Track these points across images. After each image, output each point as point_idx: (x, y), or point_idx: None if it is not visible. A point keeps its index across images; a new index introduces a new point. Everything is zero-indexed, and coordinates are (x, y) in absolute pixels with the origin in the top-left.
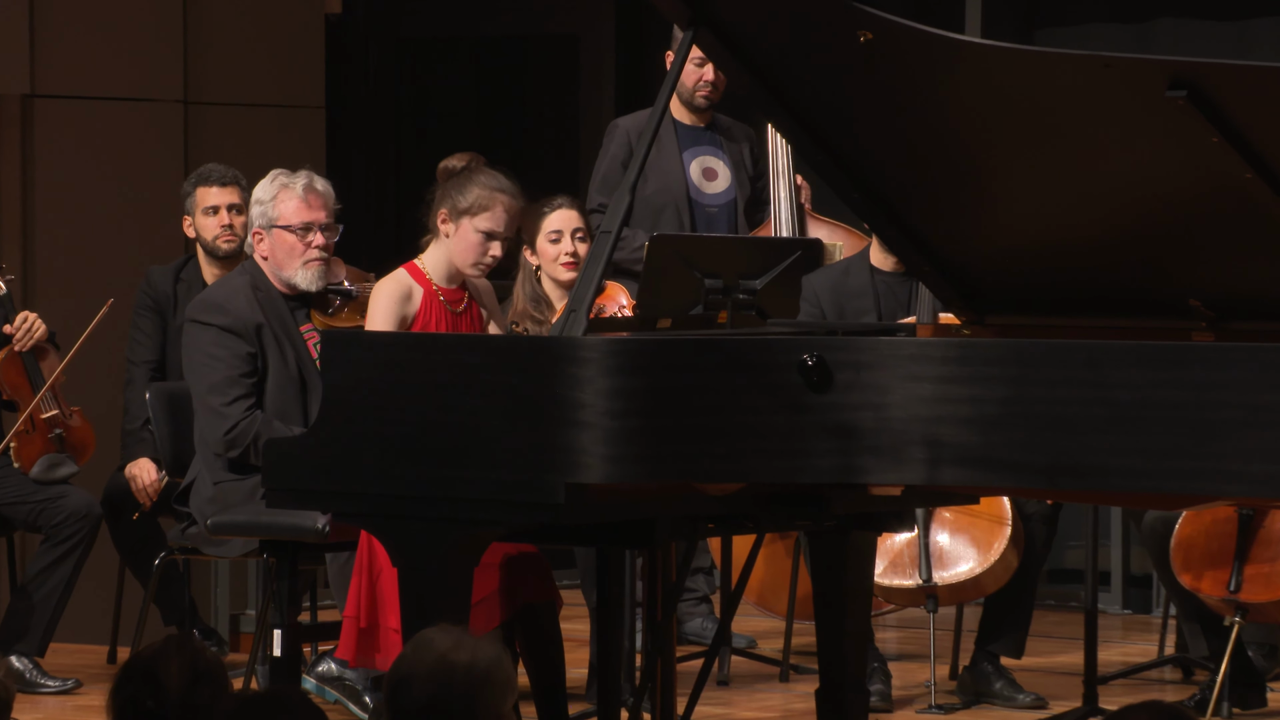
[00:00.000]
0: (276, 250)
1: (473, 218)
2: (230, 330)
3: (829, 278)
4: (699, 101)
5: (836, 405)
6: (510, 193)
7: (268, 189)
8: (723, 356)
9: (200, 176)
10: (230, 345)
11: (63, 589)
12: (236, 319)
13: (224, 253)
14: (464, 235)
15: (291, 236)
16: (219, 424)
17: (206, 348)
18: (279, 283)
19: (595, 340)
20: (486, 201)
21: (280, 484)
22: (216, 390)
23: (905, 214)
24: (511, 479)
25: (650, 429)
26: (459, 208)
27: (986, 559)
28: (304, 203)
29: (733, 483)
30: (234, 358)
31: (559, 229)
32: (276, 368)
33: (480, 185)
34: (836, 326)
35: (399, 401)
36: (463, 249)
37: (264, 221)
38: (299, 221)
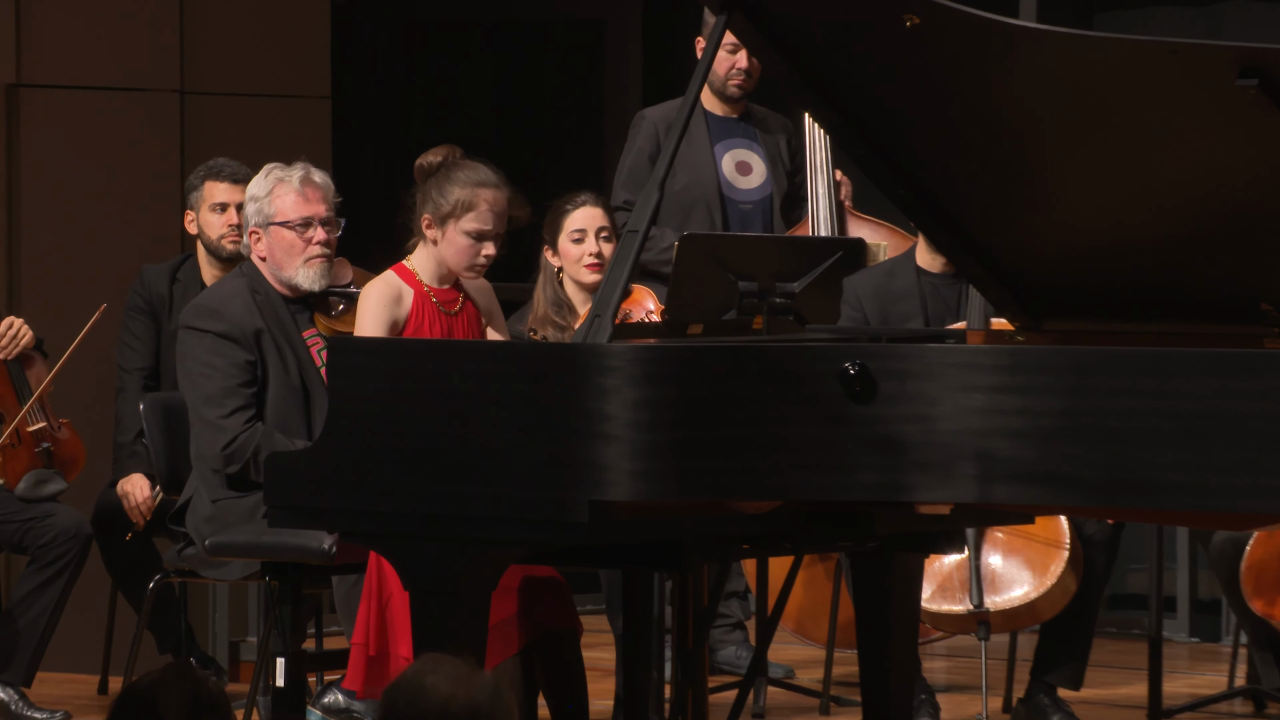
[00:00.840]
0: (275, 249)
1: (458, 221)
2: (227, 337)
3: (872, 280)
4: (732, 91)
5: (880, 417)
6: (493, 185)
7: (262, 184)
8: (758, 365)
9: (211, 170)
10: (227, 353)
11: (50, 614)
12: (233, 324)
13: (228, 253)
14: (452, 240)
15: (290, 233)
16: (216, 438)
17: (202, 356)
18: (279, 284)
19: (621, 348)
20: (469, 200)
21: (283, 501)
22: (213, 402)
23: (954, 211)
24: (531, 496)
25: (680, 442)
26: (441, 212)
27: (1042, 583)
28: (301, 196)
29: (769, 500)
30: (231, 366)
31: (582, 228)
32: (277, 376)
33: (460, 184)
34: (880, 332)
35: (411, 412)
36: (454, 254)
37: (260, 219)
38: (297, 216)
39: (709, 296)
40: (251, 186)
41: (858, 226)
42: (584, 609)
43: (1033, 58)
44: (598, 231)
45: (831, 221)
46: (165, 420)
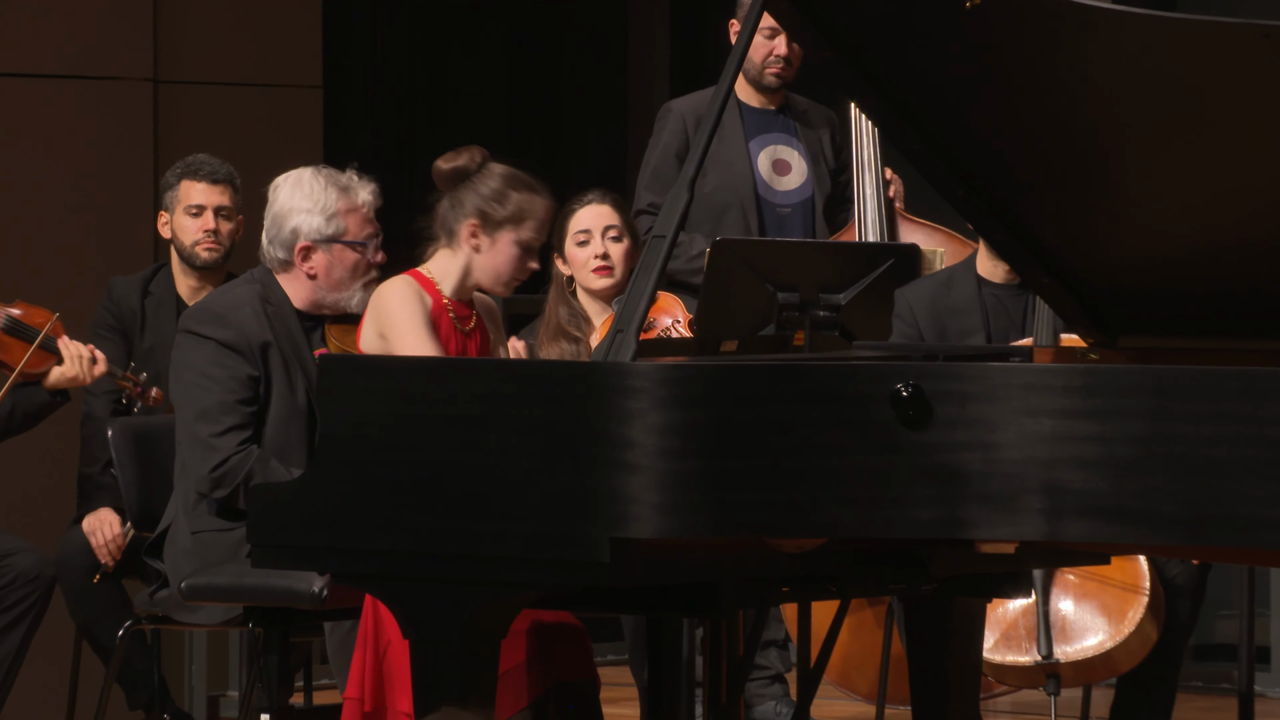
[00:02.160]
0: (336, 268)
1: (516, 228)
2: (231, 347)
3: (927, 291)
4: (769, 80)
5: (937, 445)
6: (548, 196)
7: (320, 193)
8: (800, 386)
9: (188, 168)
10: (229, 365)
11: (9, 665)
12: (240, 334)
13: (202, 261)
14: (502, 249)
15: (356, 254)
16: (206, 457)
17: (201, 366)
18: (305, 302)
19: (647, 366)
20: (529, 209)
21: (268, 538)
22: (207, 417)
23: (1020, 214)
24: (546, 532)
25: (713, 473)
26: (496, 217)
27: (1119, 631)
28: (370, 212)
29: (812, 538)
30: (232, 380)
31: (587, 228)
32: (282, 396)
33: (518, 189)
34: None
35: (411, 439)
36: (500, 263)
37: (318, 235)
38: (367, 236)
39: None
40: (296, 193)
41: (910, 231)
42: (604, 659)
43: (1112, 42)
44: (604, 231)
45: (881, 225)
46: (137, 448)
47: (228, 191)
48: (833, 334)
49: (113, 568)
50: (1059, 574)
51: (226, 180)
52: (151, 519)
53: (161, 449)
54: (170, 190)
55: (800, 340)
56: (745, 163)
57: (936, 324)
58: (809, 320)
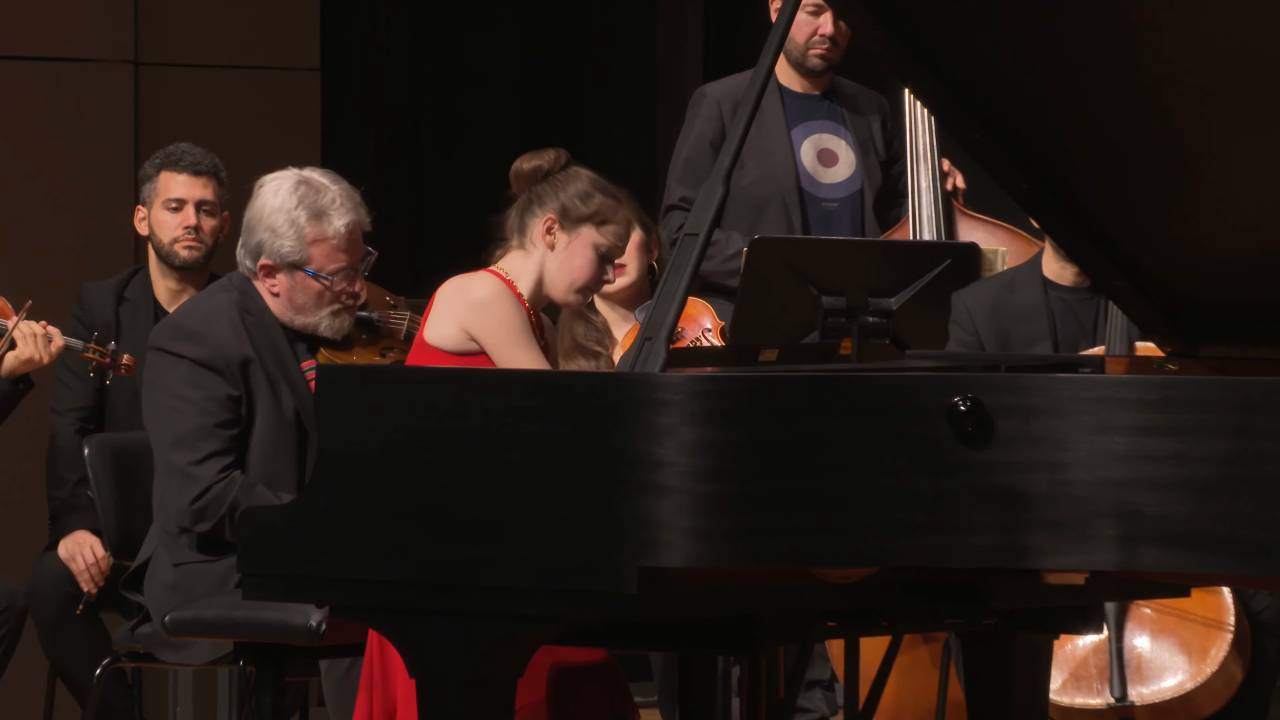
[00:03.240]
0: (297, 294)
1: (598, 228)
2: (207, 365)
3: (988, 294)
4: (813, 63)
5: (998, 464)
6: (631, 209)
7: (290, 213)
8: (847, 400)
9: (167, 158)
10: (206, 385)
11: None
12: (216, 350)
13: (181, 261)
14: (580, 249)
15: (320, 284)
16: (185, 488)
17: (174, 387)
18: (284, 317)
19: (678, 378)
20: (612, 214)
21: (260, 568)
22: (184, 444)
23: (1091, 210)
24: (567, 561)
25: (750, 495)
26: (577, 213)
27: (1201, 670)
28: (343, 244)
29: (860, 567)
30: (210, 401)
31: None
32: (267, 416)
33: (604, 192)
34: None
35: (419, 458)
36: (576, 266)
37: (280, 259)
38: (335, 268)
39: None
40: (264, 207)
41: (970, 228)
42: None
43: (1192, 16)
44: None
45: (937, 222)
46: (116, 467)
47: (211, 184)
48: (883, 342)
49: (96, 595)
50: (1134, 608)
51: (210, 172)
52: (132, 546)
53: (143, 468)
54: (148, 183)
55: (847, 349)
56: (787, 153)
57: (998, 331)
58: (857, 327)
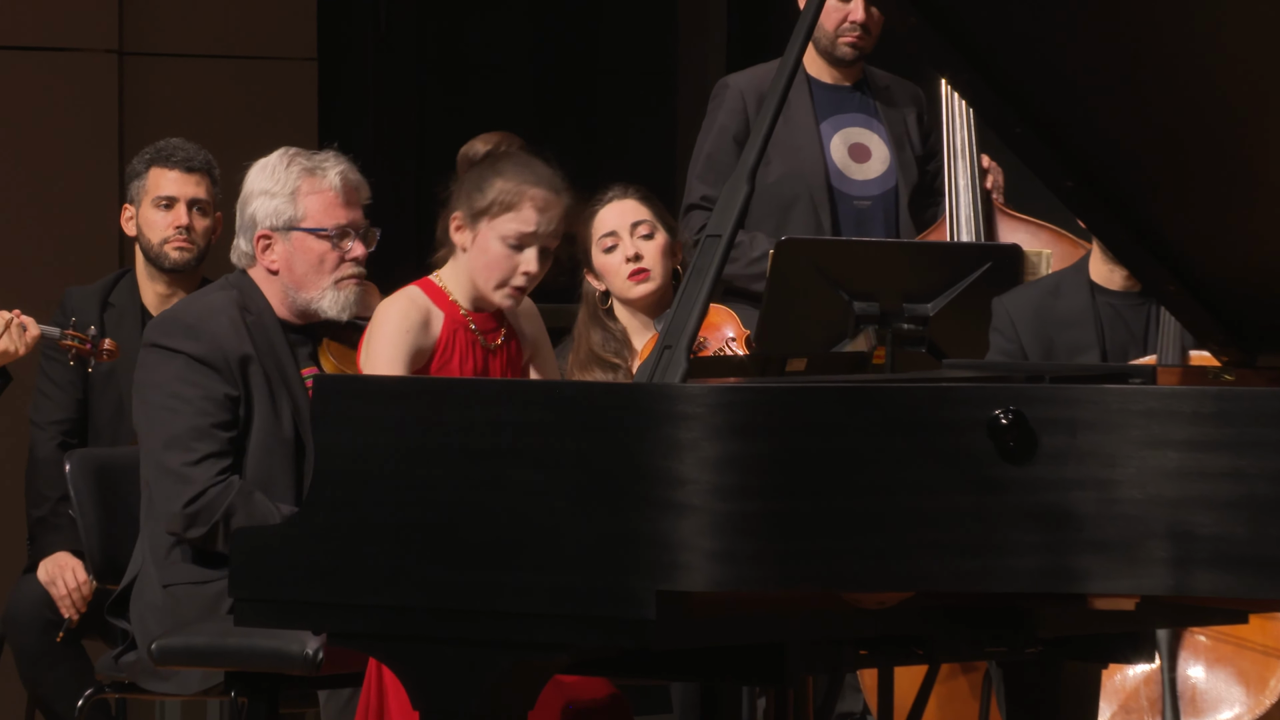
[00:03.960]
0: (297, 261)
1: (492, 220)
2: (204, 362)
3: (1032, 300)
4: (844, 52)
5: (1042, 481)
6: (547, 184)
7: (280, 174)
8: (880, 413)
9: (158, 154)
10: (203, 383)
11: None
12: (214, 347)
13: (171, 263)
14: (483, 246)
15: (322, 244)
16: (178, 491)
17: (169, 385)
18: (285, 307)
19: (699, 389)
20: (511, 197)
21: (253, 592)
22: (177, 444)
23: (1141, 209)
24: (581, 585)
25: (777, 515)
26: (475, 208)
27: (1259, 702)
28: (340, 197)
29: (895, 591)
30: (206, 400)
31: (611, 229)
32: (265, 420)
33: (505, 177)
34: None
35: (423, 475)
36: (484, 264)
37: (276, 220)
38: (333, 224)
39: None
40: (259, 176)
41: (1011, 229)
42: None
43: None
44: (632, 228)
45: (976, 222)
46: (99, 484)
47: (204, 182)
48: (919, 351)
49: (78, 621)
50: (1187, 635)
51: (203, 169)
52: (116, 569)
53: (129, 485)
54: (137, 180)
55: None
56: (816, 148)
57: (1042, 338)
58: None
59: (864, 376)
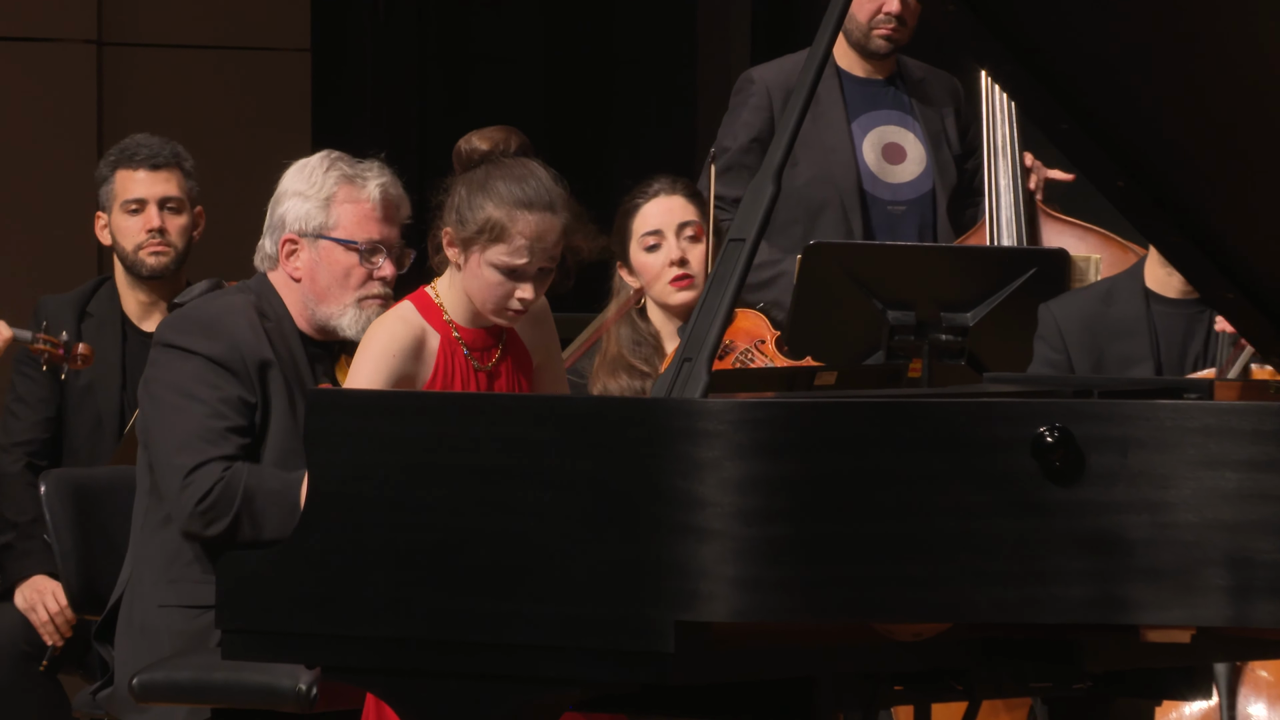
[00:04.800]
0: (321, 271)
1: (484, 250)
2: (222, 364)
3: (1082, 307)
4: (877, 44)
5: (1091, 504)
6: (541, 207)
7: (318, 177)
8: (916, 430)
9: (122, 154)
10: (219, 384)
11: None
12: (233, 349)
13: (149, 269)
14: (476, 272)
15: (350, 256)
16: (189, 494)
17: (182, 384)
18: (304, 319)
19: (721, 404)
20: (502, 224)
21: (242, 622)
22: (188, 447)
23: (1197, 211)
24: (594, 615)
25: (805, 540)
26: (464, 232)
27: None
28: (376, 210)
29: (933, 622)
30: (222, 403)
31: (656, 227)
32: (283, 428)
33: (496, 198)
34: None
35: (425, 496)
36: (479, 289)
37: (306, 225)
38: (365, 238)
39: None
40: (296, 176)
41: (1057, 232)
42: None
43: None
44: (679, 229)
45: (1018, 226)
46: (77, 507)
47: (174, 177)
48: (958, 363)
49: (61, 649)
50: (1247, 670)
51: (171, 163)
52: (95, 599)
53: (108, 508)
54: (105, 185)
55: (917, 371)
56: (847, 148)
57: (1091, 348)
58: (928, 346)
59: (899, 391)
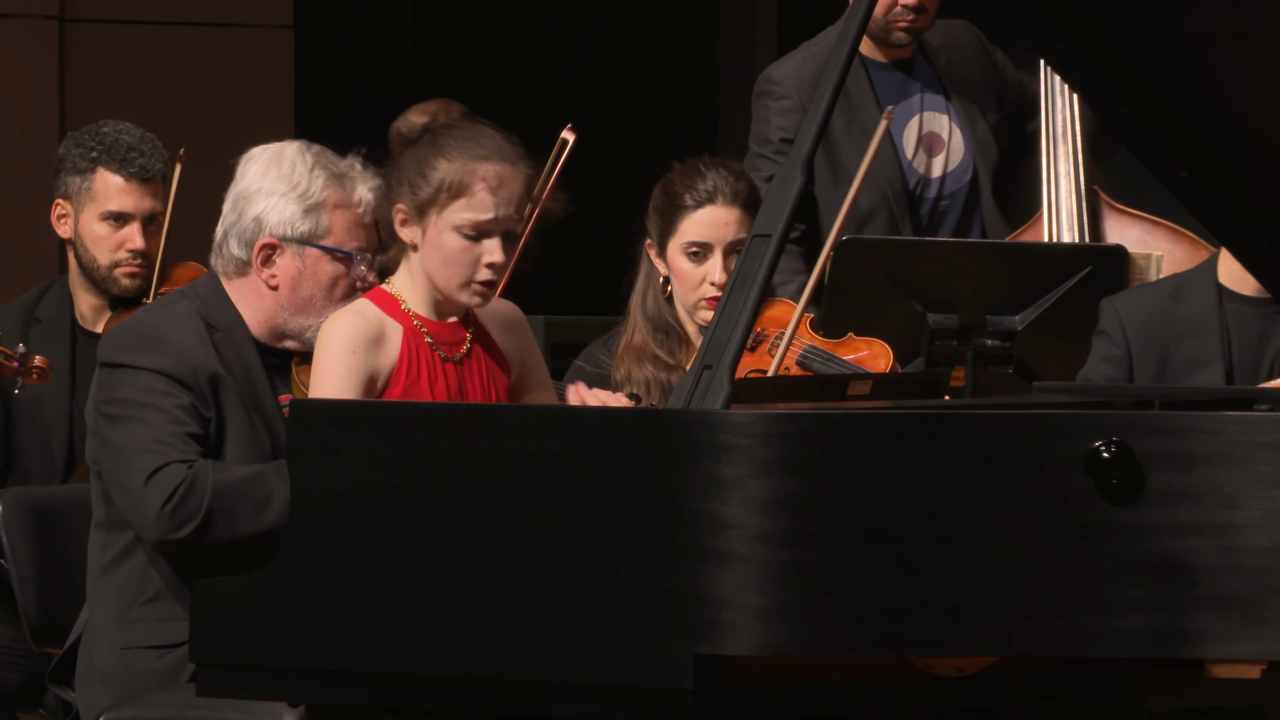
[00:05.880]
0: (305, 281)
1: (441, 211)
2: (172, 376)
3: (1148, 302)
4: (899, 37)
5: (1152, 526)
6: (499, 156)
7: (303, 176)
8: (960, 445)
9: (108, 152)
10: (174, 393)
11: None
12: (182, 361)
13: (121, 290)
14: (436, 240)
15: (338, 266)
16: (150, 498)
17: (134, 396)
18: (265, 327)
19: (745, 416)
20: (459, 179)
21: (218, 656)
22: (146, 453)
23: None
24: (604, 648)
25: (838, 566)
26: (420, 198)
27: None
28: (367, 215)
29: (977, 656)
30: (180, 410)
31: (705, 239)
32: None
33: (448, 156)
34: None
35: (418, 518)
36: (440, 261)
37: (290, 230)
38: (355, 246)
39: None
40: (272, 171)
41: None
42: None
43: None
44: (729, 247)
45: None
46: (35, 530)
47: (160, 190)
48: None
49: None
50: None
51: (160, 174)
52: (56, 629)
53: (70, 529)
54: (78, 176)
55: (960, 380)
56: (888, 147)
57: (1156, 349)
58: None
59: (940, 402)
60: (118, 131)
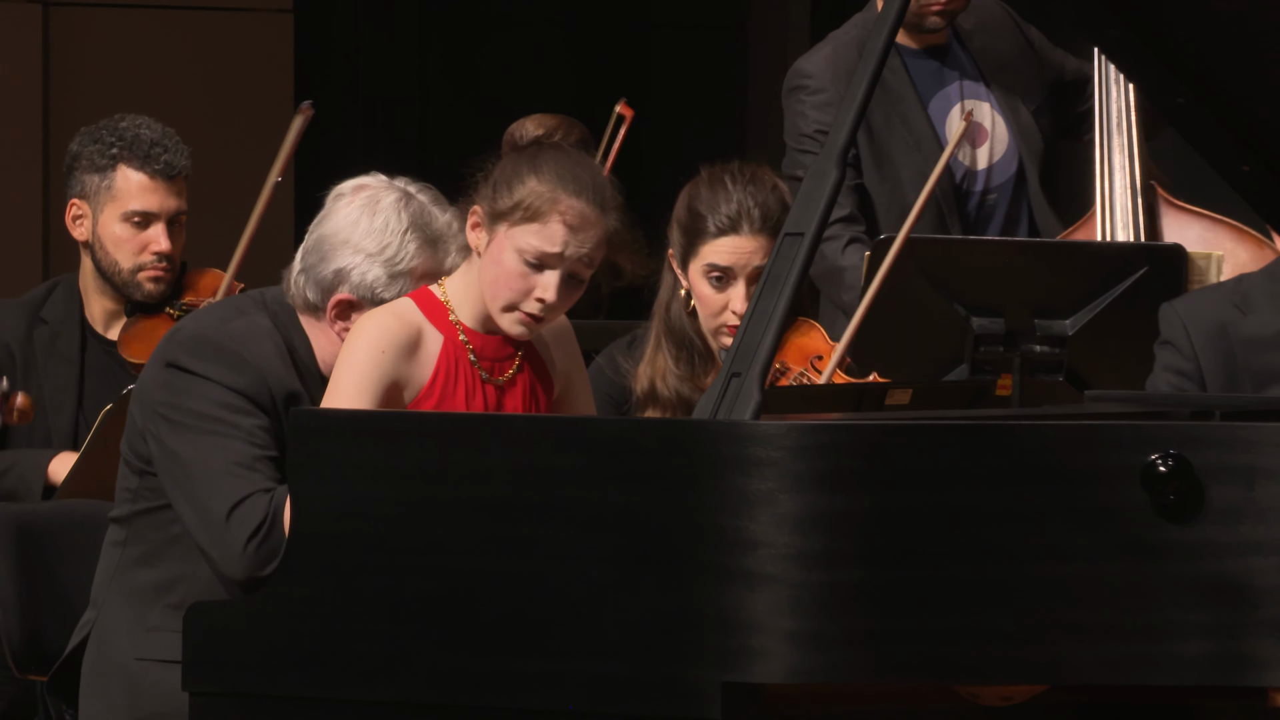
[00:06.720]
0: None
1: (512, 227)
2: (248, 396)
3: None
4: (933, 23)
5: (1212, 546)
6: (589, 197)
7: (394, 238)
8: (1007, 458)
9: (129, 148)
10: (251, 411)
11: None
12: (259, 380)
13: (145, 295)
14: (497, 254)
15: None
16: (237, 533)
17: (205, 409)
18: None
19: (777, 427)
20: (540, 204)
21: (213, 684)
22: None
23: None
24: (626, 676)
25: (875, 588)
26: (497, 208)
27: None
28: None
29: (1026, 685)
30: (259, 429)
31: (728, 265)
32: None
33: (540, 177)
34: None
35: (427, 536)
36: (493, 278)
37: (369, 292)
38: None
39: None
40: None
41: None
42: None
43: None
44: (753, 274)
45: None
46: (18, 549)
47: (184, 188)
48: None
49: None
50: None
51: (184, 170)
52: (42, 655)
53: (55, 550)
54: (97, 175)
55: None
56: (932, 140)
57: (1224, 358)
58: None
59: (985, 412)
60: (137, 126)
